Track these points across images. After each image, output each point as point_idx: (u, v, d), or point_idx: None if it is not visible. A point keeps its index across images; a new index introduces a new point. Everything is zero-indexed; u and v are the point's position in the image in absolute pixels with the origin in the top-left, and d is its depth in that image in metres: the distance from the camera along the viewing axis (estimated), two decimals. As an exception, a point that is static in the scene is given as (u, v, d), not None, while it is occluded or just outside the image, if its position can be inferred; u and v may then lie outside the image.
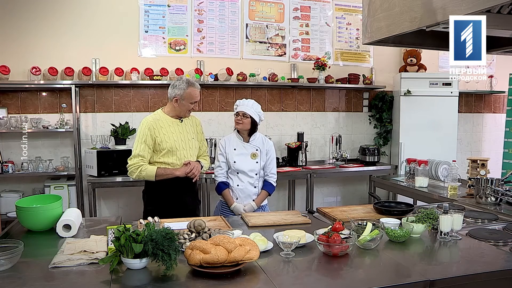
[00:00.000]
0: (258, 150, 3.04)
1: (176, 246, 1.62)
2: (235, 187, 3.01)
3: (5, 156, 4.05)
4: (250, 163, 3.02)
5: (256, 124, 3.01)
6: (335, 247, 1.78)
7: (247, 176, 3.01)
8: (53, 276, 1.59)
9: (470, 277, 1.63)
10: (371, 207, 2.61)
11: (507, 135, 5.23)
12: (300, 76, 4.77)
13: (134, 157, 2.78)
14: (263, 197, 3.06)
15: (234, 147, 3.04)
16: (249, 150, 3.03)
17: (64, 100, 4.17)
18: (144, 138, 2.78)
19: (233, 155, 3.02)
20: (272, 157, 3.10)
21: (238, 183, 3.01)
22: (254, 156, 3.03)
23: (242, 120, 2.97)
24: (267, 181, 3.09)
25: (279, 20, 4.81)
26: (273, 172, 3.10)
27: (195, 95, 2.84)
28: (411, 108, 4.87)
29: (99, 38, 4.23)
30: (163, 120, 2.87)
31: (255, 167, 3.02)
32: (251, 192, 3.03)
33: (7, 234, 2.12)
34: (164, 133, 2.83)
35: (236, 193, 3.02)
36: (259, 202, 3.03)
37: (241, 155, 3.02)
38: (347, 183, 5.21)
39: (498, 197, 2.76)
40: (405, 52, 5.12)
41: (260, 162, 3.04)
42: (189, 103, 2.83)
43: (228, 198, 3.01)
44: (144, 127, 2.81)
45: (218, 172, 3.05)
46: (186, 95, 2.81)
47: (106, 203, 4.43)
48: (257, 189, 3.05)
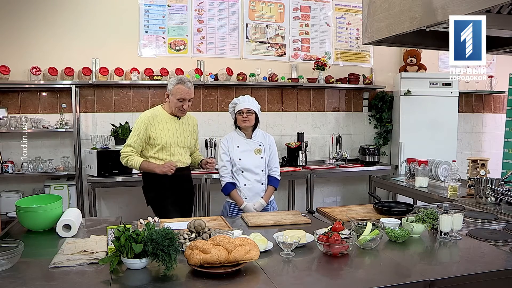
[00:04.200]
0: (261, 145, 3.04)
1: (176, 246, 1.62)
2: (242, 187, 2.99)
3: (5, 156, 4.05)
4: (255, 159, 3.00)
5: (258, 118, 3.03)
6: (335, 247, 1.78)
7: (253, 174, 2.99)
8: (53, 276, 1.59)
9: (470, 277, 1.63)
10: (371, 207, 2.61)
11: (507, 135, 5.23)
12: (300, 76, 4.77)
13: (126, 146, 2.96)
14: (270, 193, 3.05)
15: (237, 144, 3.02)
16: (252, 146, 3.02)
17: (64, 100, 4.17)
18: (139, 131, 2.92)
19: (237, 152, 3.00)
20: (274, 152, 3.10)
21: (245, 182, 2.99)
22: (258, 151, 3.02)
23: (248, 117, 2.97)
24: (271, 176, 3.08)
25: (279, 20, 4.81)
26: (276, 166, 3.10)
27: (182, 92, 2.88)
28: (411, 108, 4.87)
29: (99, 38, 4.23)
30: (160, 116, 2.97)
31: (260, 163, 3.01)
32: (259, 189, 3.01)
33: (7, 234, 2.12)
34: (160, 129, 2.93)
35: (244, 192, 2.99)
36: (267, 198, 3.03)
37: (245, 151, 3.00)
38: (347, 183, 5.21)
39: (498, 197, 2.76)
40: (405, 52, 5.12)
41: (265, 158, 3.03)
42: (176, 99, 2.89)
43: (237, 199, 2.98)
44: (140, 121, 2.95)
45: (224, 172, 3.02)
46: (174, 91, 2.90)
47: (106, 203, 4.43)
48: (264, 186, 3.04)
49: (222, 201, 3.13)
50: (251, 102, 3.00)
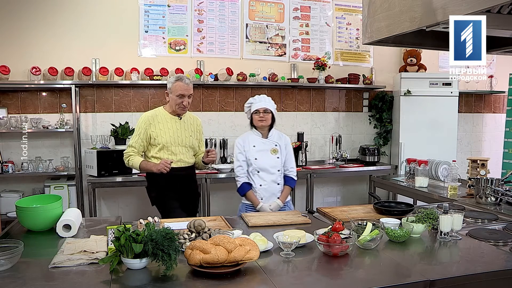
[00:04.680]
0: (277, 145, 3.02)
1: (176, 246, 1.62)
2: (257, 187, 2.96)
3: (5, 156, 4.05)
4: (271, 159, 2.98)
5: (275, 118, 3.02)
6: (335, 247, 1.78)
7: (269, 174, 2.97)
8: (53, 276, 1.59)
9: (470, 277, 1.63)
10: (371, 207, 2.61)
11: (507, 135, 5.23)
12: (300, 76, 4.77)
13: (128, 146, 3.03)
14: (287, 193, 3.03)
15: (253, 144, 3.00)
16: (268, 146, 3.01)
17: (64, 100, 4.17)
18: (139, 131, 2.96)
19: (253, 152, 2.97)
20: (290, 152, 3.08)
21: (261, 183, 2.96)
22: (274, 151, 3.00)
23: (265, 117, 2.95)
24: (287, 176, 3.06)
25: (279, 20, 4.81)
26: (292, 166, 3.08)
27: (180, 88, 2.91)
28: (411, 108, 4.87)
29: (99, 38, 4.23)
30: (161, 116, 3.00)
31: (276, 163, 2.99)
32: (275, 190, 2.99)
33: (7, 234, 2.12)
34: (160, 129, 2.96)
35: (260, 193, 2.97)
36: (284, 198, 3.00)
37: (261, 151, 2.98)
38: (347, 183, 5.21)
39: (498, 197, 2.76)
40: (405, 52, 5.12)
41: (281, 158, 3.01)
42: (176, 96, 2.93)
43: (253, 199, 2.95)
44: (141, 121, 2.99)
45: (240, 172, 2.99)
46: (173, 88, 2.94)
47: (106, 203, 4.43)
48: (280, 186, 3.02)
49: (223, 201, 3.13)
50: (268, 102, 2.97)
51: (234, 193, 3.14)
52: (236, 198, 3.14)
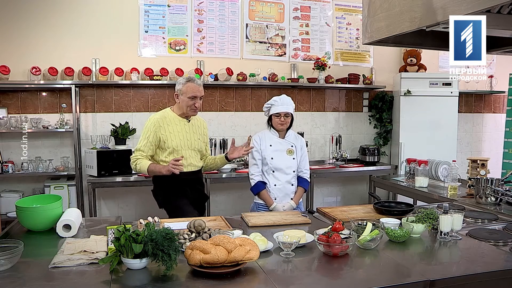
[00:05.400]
0: (293, 146, 3.02)
1: (176, 246, 1.62)
2: (272, 187, 2.96)
3: (5, 156, 4.05)
4: (287, 159, 2.98)
5: (293, 120, 3.01)
6: (335, 247, 1.78)
7: (284, 174, 2.96)
8: (53, 276, 1.59)
9: (470, 277, 1.63)
10: (371, 207, 2.61)
11: (507, 135, 5.23)
12: (300, 76, 4.77)
13: (136, 150, 2.90)
14: (300, 194, 3.03)
15: (269, 143, 2.99)
16: (285, 146, 3.00)
17: (64, 100, 4.17)
18: (148, 134, 2.86)
19: (269, 151, 2.97)
20: (305, 154, 3.08)
21: (275, 183, 2.96)
22: (290, 152, 2.99)
23: (285, 120, 2.95)
24: (301, 177, 3.05)
25: (279, 20, 4.81)
26: (306, 168, 3.08)
27: (193, 90, 2.86)
28: (411, 108, 4.87)
29: (99, 38, 4.23)
30: (170, 118, 2.92)
31: (292, 164, 2.99)
32: (289, 190, 2.99)
33: (7, 234, 2.12)
34: (170, 131, 2.88)
35: (274, 193, 2.96)
36: (297, 199, 3.00)
37: (277, 151, 2.98)
38: (347, 183, 5.21)
39: (498, 197, 2.76)
40: (405, 52, 5.12)
41: (297, 159, 3.01)
42: (188, 98, 2.86)
43: (267, 199, 2.94)
44: (150, 124, 2.88)
45: (255, 170, 2.98)
46: (184, 90, 2.86)
47: (106, 203, 4.43)
48: (294, 187, 3.02)
49: (223, 201, 3.13)
50: (289, 105, 2.94)
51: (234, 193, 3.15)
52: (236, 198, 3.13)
